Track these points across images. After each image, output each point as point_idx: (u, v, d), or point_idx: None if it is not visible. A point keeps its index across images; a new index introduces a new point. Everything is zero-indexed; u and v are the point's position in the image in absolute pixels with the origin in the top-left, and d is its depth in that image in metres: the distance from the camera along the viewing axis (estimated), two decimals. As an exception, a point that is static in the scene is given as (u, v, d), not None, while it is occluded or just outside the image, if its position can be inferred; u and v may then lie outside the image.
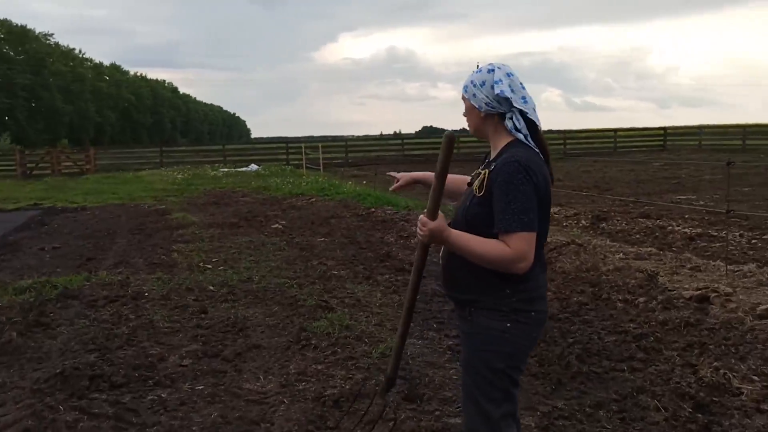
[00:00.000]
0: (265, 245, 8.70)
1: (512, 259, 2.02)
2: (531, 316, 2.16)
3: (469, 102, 2.25)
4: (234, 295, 5.93)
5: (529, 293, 2.15)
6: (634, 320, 4.81)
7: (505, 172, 2.05)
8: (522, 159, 2.07)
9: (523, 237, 2.02)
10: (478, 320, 2.17)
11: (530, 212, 2.03)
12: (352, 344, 4.48)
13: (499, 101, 2.17)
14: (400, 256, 7.70)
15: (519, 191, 2.02)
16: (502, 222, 2.04)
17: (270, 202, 14.57)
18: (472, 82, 2.22)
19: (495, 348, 2.15)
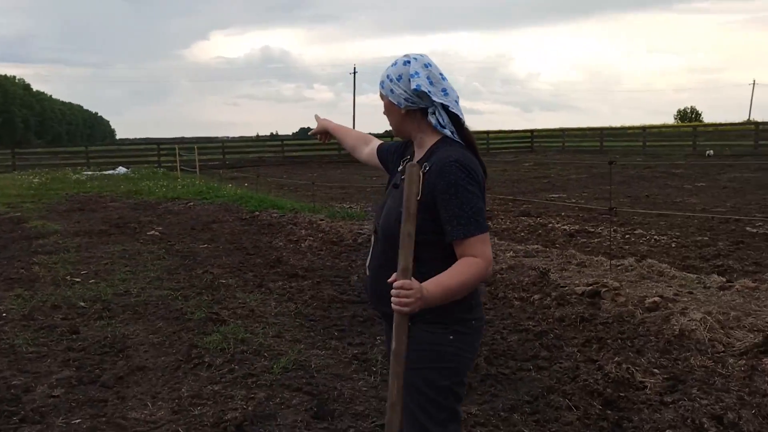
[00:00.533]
0: (141, 254, 8.04)
1: (485, 268, 1.89)
2: (472, 325, 2.01)
3: (387, 99, 2.05)
4: (110, 311, 5.36)
5: (469, 301, 1.98)
6: (532, 318, 4.87)
7: (447, 174, 1.88)
8: (460, 158, 1.92)
9: (483, 239, 1.89)
10: (417, 335, 1.95)
11: (482, 212, 1.91)
12: (250, 360, 4.15)
13: (419, 95, 1.99)
14: (291, 262, 7.39)
15: (468, 192, 1.88)
16: (459, 228, 1.87)
17: (143, 207, 13.63)
18: (389, 76, 2.03)
19: (439, 364, 1.96)
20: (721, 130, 30.02)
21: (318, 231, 9.18)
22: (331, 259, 7.54)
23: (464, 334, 1.98)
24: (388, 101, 2.05)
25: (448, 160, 1.90)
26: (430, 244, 1.93)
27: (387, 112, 2.09)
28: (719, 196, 13.08)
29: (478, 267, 1.87)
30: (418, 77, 1.97)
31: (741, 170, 19.34)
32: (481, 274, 1.88)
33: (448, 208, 1.88)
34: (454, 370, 1.99)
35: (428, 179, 1.92)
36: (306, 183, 19.90)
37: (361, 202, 14.12)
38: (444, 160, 1.91)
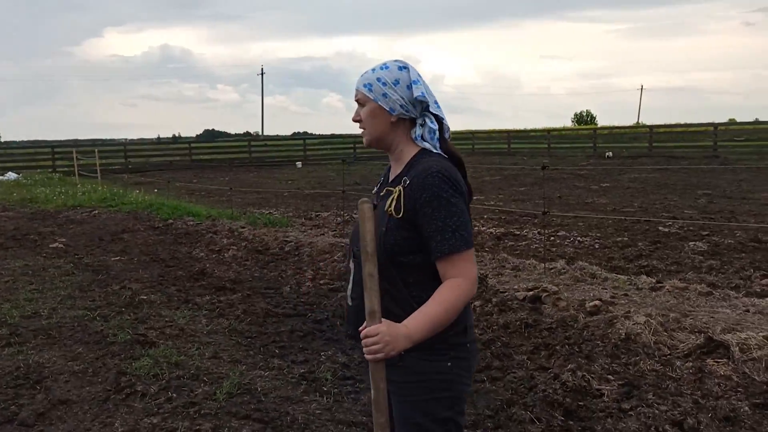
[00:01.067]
0: (46, 269, 7.39)
1: (470, 289, 1.77)
2: (467, 348, 1.87)
3: (375, 104, 1.88)
4: (19, 336, 4.84)
5: (464, 323, 1.85)
6: (476, 325, 4.82)
7: (430, 187, 1.76)
8: (443, 170, 1.79)
9: (468, 257, 1.77)
10: (413, 365, 1.80)
11: (467, 226, 1.79)
12: (188, 386, 3.83)
13: (414, 105, 1.88)
14: (216, 273, 7.02)
15: (451, 205, 1.76)
16: (444, 244, 1.74)
17: (41, 216, 12.65)
18: (380, 79, 1.88)
19: (439, 394, 1.82)
20: (617, 133, 31.84)
21: (241, 239, 8.81)
22: (259, 270, 7.23)
23: (462, 359, 1.85)
24: (377, 106, 1.88)
25: (431, 171, 1.79)
26: (417, 265, 1.81)
27: (370, 117, 1.90)
28: (625, 196, 13.75)
29: (461, 290, 1.75)
30: (419, 85, 1.88)
31: (639, 171, 20.49)
32: (465, 296, 1.76)
33: (431, 221, 1.76)
34: (455, 399, 1.85)
35: (409, 193, 1.80)
36: (219, 188, 19.24)
37: (280, 207, 13.77)
38: (426, 171, 1.79)
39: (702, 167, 20.25)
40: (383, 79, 1.88)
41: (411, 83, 1.87)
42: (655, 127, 28.89)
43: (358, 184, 19.51)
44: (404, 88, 1.87)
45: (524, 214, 10.71)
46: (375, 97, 1.88)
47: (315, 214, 11.99)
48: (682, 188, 15.23)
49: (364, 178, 21.65)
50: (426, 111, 1.90)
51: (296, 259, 7.64)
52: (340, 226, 10.19)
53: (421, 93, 1.86)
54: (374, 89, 1.88)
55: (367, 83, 1.90)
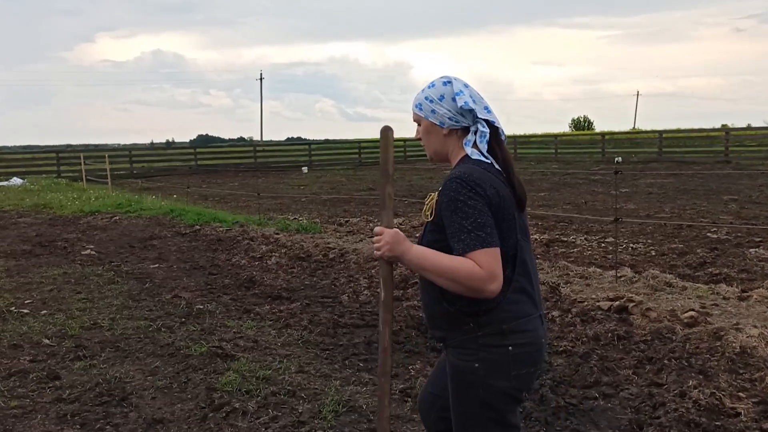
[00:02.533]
0: (87, 277, 7.17)
1: (484, 279, 1.83)
2: (507, 351, 1.91)
3: (427, 121, 2.06)
4: (86, 349, 4.62)
5: (499, 325, 1.91)
6: (563, 337, 4.64)
7: (448, 191, 1.91)
8: (463, 174, 1.91)
9: (487, 254, 1.84)
10: (450, 360, 2.01)
11: (487, 227, 1.86)
12: (288, 403, 3.63)
13: (463, 114, 2.02)
14: (266, 281, 6.81)
15: (468, 207, 1.87)
16: (460, 243, 1.86)
17: (61, 222, 12.40)
18: (428, 97, 2.04)
19: (466, 391, 1.97)
20: (626, 138, 31.77)
21: (279, 246, 8.59)
22: (308, 278, 7.02)
23: (494, 362, 1.92)
24: (429, 123, 2.05)
25: (451, 177, 1.93)
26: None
27: (425, 134, 2.08)
28: (651, 202, 13.62)
29: (474, 270, 1.83)
30: (462, 95, 1.99)
31: (653, 176, 20.41)
32: (474, 278, 1.83)
33: (450, 223, 1.89)
34: (482, 399, 1.94)
35: (438, 199, 1.96)
36: (231, 193, 19.01)
37: (302, 213, 13.57)
38: (449, 177, 1.94)
39: (717, 172, 20.19)
40: (430, 97, 2.03)
41: (455, 95, 2.00)
42: (665, 132, 28.84)
43: (373, 189, 19.36)
44: (449, 101, 2.00)
45: (560, 219, 10.55)
46: (425, 114, 2.05)
47: (344, 220, 11.77)
48: (703, 193, 15.13)
49: (376, 183, 21.48)
50: (477, 118, 2.01)
51: (342, 267, 7.44)
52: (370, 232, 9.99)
53: (464, 102, 1.98)
54: (424, 108, 2.05)
55: (417, 103, 2.07)
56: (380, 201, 1.97)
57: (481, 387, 1.92)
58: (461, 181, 1.88)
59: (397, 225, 10.55)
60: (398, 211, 13.08)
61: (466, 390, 1.96)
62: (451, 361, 1.99)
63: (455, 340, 1.96)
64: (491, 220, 1.87)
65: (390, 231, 1.97)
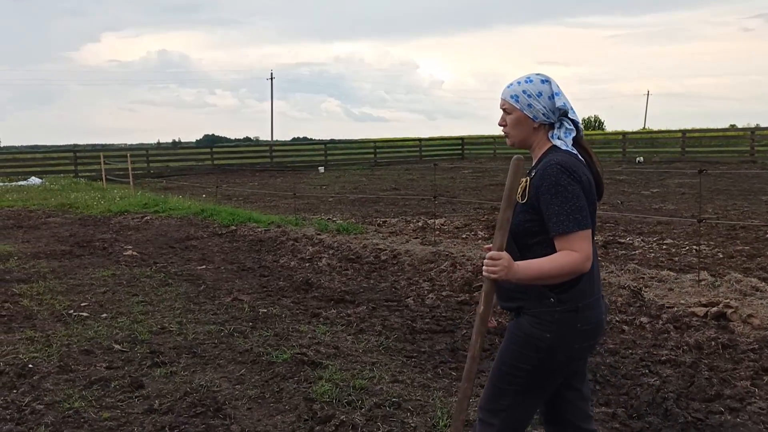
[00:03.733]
0: (138, 279, 6.99)
1: (582, 261, 2.01)
2: (576, 328, 2.09)
3: (521, 112, 2.19)
4: (162, 355, 4.43)
5: (575, 302, 2.08)
6: (661, 345, 4.42)
7: (549, 176, 2.05)
8: (561, 161, 2.07)
9: (582, 236, 2.02)
10: (521, 323, 2.15)
11: (583, 210, 2.03)
12: (396, 416, 3.43)
13: (554, 112, 2.18)
14: (324, 284, 6.61)
15: (568, 191, 2.03)
16: (558, 224, 2.02)
17: (92, 222, 12.25)
18: (525, 92, 2.18)
19: (527, 351, 2.12)
20: (649, 138, 31.45)
21: (326, 247, 8.40)
22: (365, 280, 6.82)
23: (564, 335, 2.08)
24: (523, 115, 2.19)
25: (550, 163, 2.08)
26: (539, 244, 2.10)
27: (516, 124, 2.21)
28: (690, 202, 13.37)
29: (573, 258, 2.00)
30: (560, 96, 2.17)
31: (680, 176, 20.13)
32: (575, 265, 2.00)
33: (549, 206, 2.04)
34: (540, 361, 2.11)
35: (533, 183, 2.10)
36: (255, 193, 18.83)
37: (333, 213, 13.37)
38: (547, 163, 2.09)
39: (746, 172, 19.90)
40: (528, 92, 2.17)
41: (553, 94, 2.17)
42: (689, 132, 28.54)
43: (397, 189, 19.15)
44: (546, 98, 2.17)
45: (607, 220, 10.32)
46: (521, 107, 2.19)
47: (381, 221, 11.57)
48: (738, 194, 14.86)
49: (398, 183, 21.27)
50: (564, 117, 2.19)
51: (397, 268, 7.25)
52: (421, 234, 9.79)
53: (562, 103, 2.16)
54: (520, 100, 2.18)
55: (514, 95, 2.20)
56: (498, 223, 2.09)
57: (544, 353, 2.10)
58: (561, 167, 2.04)
59: (440, 225, 10.34)
60: (431, 211, 12.88)
61: (528, 351, 2.12)
62: (522, 326, 2.14)
63: (532, 310, 2.11)
64: (586, 204, 2.04)
65: (506, 256, 2.05)
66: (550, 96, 2.16)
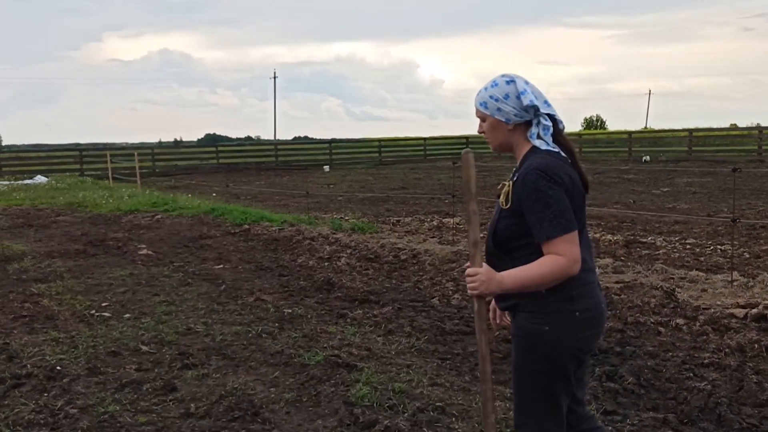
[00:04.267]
0: (156, 278, 6.90)
1: (569, 265, 2.01)
2: (575, 317, 2.09)
3: (493, 117, 2.18)
4: (191, 357, 4.34)
5: (569, 291, 2.08)
6: (700, 347, 4.33)
7: (529, 182, 2.05)
8: (540, 165, 2.06)
9: (567, 239, 2.02)
10: (519, 323, 2.17)
11: (566, 213, 2.03)
12: (441, 421, 3.34)
13: (527, 110, 2.15)
14: (345, 283, 6.51)
15: (548, 196, 2.02)
16: (543, 230, 2.02)
17: (103, 221, 12.17)
18: (492, 96, 2.17)
19: (533, 351, 2.13)
20: (653, 137, 31.33)
21: (343, 246, 8.31)
22: (387, 280, 6.73)
23: (563, 324, 2.09)
24: (495, 120, 2.18)
25: (530, 168, 2.06)
26: (524, 247, 2.10)
27: (491, 130, 2.20)
28: (703, 201, 13.28)
29: (558, 262, 2.01)
30: (527, 94, 2.12)
31: (689, 176, 20.03)
32: (561, 270, 2.01)
33: (532, 212, 2.04)
34: (548, 358, 2.10)
35: (515, 189, 2.10)
36: (263, 191, 18.74)
37: (344, 212, 13.28)
38: (527, 168, 2.08)
39: (756, 171, 19.79)
40: (495, 96, 2.16)
41: (519, 94, 2.12)
42: (695, 131, 28.45)
43: (405, 188, 19.06)
44: (514, 99, 2.13)
45: (623, 219, 10.23)
46: (491, 112, 2.17)
47: (395, 220, 11.48)
48: (751, 193, 14.76)
49: (405, 182, 21.17)
50: (538, 113, 2.14)
51: (417, 268, 7.16)
52: (438, 233, 9.70)
53: (530, 101, 2.11)
54: (489, 106, 2.17)
55: (482, 102, 2.19)
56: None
57: (549, 347, 2.10)
58: (540, 171, 2.03)
59: (456, 225, 10.24)
60: (444, 210, 12.78)
61: (534, 350, 2.12)
62: (521, 325, 2.16)
63: (527, 306, 2.13)
64: (569, 206, 2.03)
65: (483, 270, 2.06)
66: (517, 96, 2.13)
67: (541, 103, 2.15)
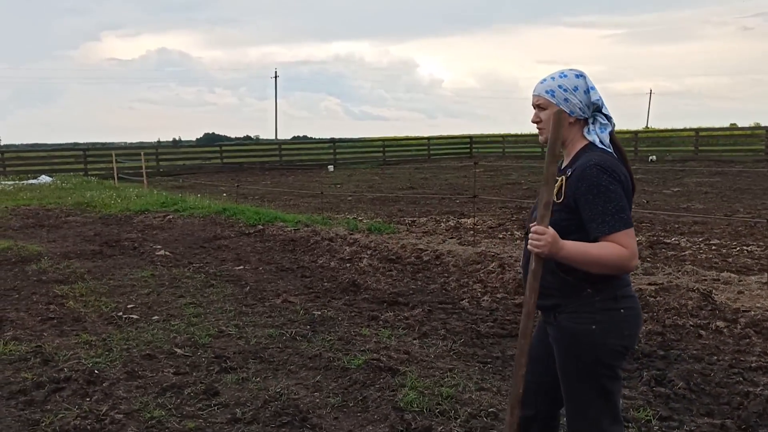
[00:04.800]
0: (179, 279, 6.83)
1: (629, 258, 2.00)
2: (619, 314, 2.11)
3: (557, 107, 2.14)
4: (228, 360, 4.27)
5: (613, 291, 2.10)
6: (745, 351, 4.26)
7: (589, 177, 2.04)
8: (600, 161, 2.06)
9: (629, 234, 2.02)
10: (563, 324, 2.14)
11: (626, 209, 2.03)
12: (497, 427, 3.26)
13: (589, 107, 2.17)
14: (370, 285, 6.44)
15: (610, 191, 2.02)
16: (604, 225, 2.01)
17: (114, 221, 12.09)
18: (561, 86, 2.16)
19: (580, 351, 2.11)
20: (660, 136, 31.27)
21: (363, 247, 8.23)
22: (412, 281, 6.66)
23: (609, 323, 2.09)
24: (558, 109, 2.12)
25: (589, 164, 2.06)
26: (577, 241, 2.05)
27: (550, 120, 2.13)
28: (716, 201, 13.22)
29: (621, 252, 1.99)
30: (595, 91, 2.17)
31: (698, 175, 19.98)
32: (621, 259, 1.99)
33: (591, 207, 2.02)
34: (596, 357, 2.10)
35: (570, 183, 2.09)
36: (270, 191, 18.66)
37: (357, 212, 13.20)
38: (585, 164, 2.07)
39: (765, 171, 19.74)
40: (564, 86, 2.15)
41: (588, 89, 2.15)
42: (701, 130, 28.41)
43: (414, 188, 18.99)
44: (582, 93, 2.15)
45: (641, 219, 10.16)
46: (557, 101, 2.15)
47: (410, 220, 11.40)
48: (761, 192, 14.74)
49: (413, 182, 21.10)
50: (597, 112, 2.17)
51: (441, 269, 7.08)
52: (456, 233, 9.62)
53: (597, 98, 2.15)
54: (557, 95, 2.15)
55: (549, 89, 2.17)
56: (543, 177, 2.05)
57: (596, 346, 2.09)
58: (601, 167, 2.03)
59: (473, 225, 10.16)
60: (456, 210, 12.73)
61: (581, 350, 2.11)
62: (564, 326, 2.13)
63: (570, 306, 2.12)
64: (627, 203, 2.04)
65: (551, 231, 2.02)
66: (586, 90, 2.15)
67: (603, 105, 2.18)
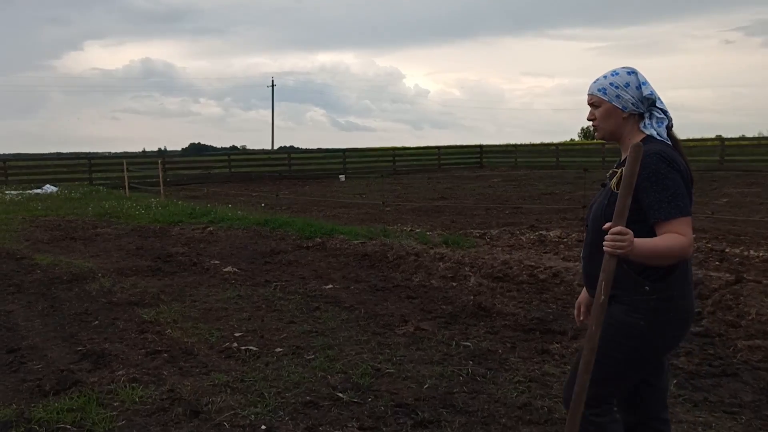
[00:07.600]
0: (272, 301, 6.00)
1: (688, 245, 2.01)
2: (670, 317, 2.10)
3: (610, 104, 2.23)
4: (420, 412, 3.43)
5: (670, 291, 2.09)
6: None
7: (648, 165, 2.04)
8: (659, 150, 2.08)
9: (685, 221, 2.03)
10: (613, 312, 2.13)
11: (684, 197, 2.05)
12: None
13: (642, 101, 2.21)
14: (501, 308, 5.63)
15: (668, 179, 2.04)
16: (661, 211, 2.03)
17: (151, 234, 11.20)
18: (613, 84, 2.22)
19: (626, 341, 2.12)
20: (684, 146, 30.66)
21: (459, 264, 7.41)
22: (544, 304, 5.85)
23: (659, 322, 2.10)
24: (611, 106, 2.23)
25: (649, 152, 2.07)
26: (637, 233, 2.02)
27: (605, 116, 2.25)
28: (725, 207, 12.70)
29: (680, 240, 2.01)
30: (647, 86, 2.21)
31: (734, 186, 19.45)
32: (683, 248, 2.01)
33: (649, 193, 2.05)
34: (636, 350, 2.13)
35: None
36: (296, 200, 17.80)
37: (405, 223, 12.36)
38: (645, 152, 2.05)
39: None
40: (615, 83, 2.23)
41: (640, 84, 2.21)
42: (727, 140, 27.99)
43: (445, 198, 18.25)
44: (634, 88, 2.22)
45: (725, 232, 9.47)
46: (609, 98, 2.24)
47: (479, 232, 10.60)
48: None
49: (439, 191, 20.34)
50: (652, 106, 2.23)
51: (565, 289, 6.30)
52: (545, 247, 8.84)
53: (650, 92, 2.21)
54: (608, 92, 2.24)
55: (601, 87, 2.26)
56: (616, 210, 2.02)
57: (640, 340, 2.12)
58: (660, 156, 2.07)
59: (558, 238, 9.37)
60: (510, 221, 11.98)
61: (624, 340, 2.13)
62: (616, 315, 2.14)
63: (625, 299, 2.13)
64: (686, 192, 2.07)
65: (630, 232, 1.99)
66: (638, 86, 2.20)
67: (657, 98, 2.21)
